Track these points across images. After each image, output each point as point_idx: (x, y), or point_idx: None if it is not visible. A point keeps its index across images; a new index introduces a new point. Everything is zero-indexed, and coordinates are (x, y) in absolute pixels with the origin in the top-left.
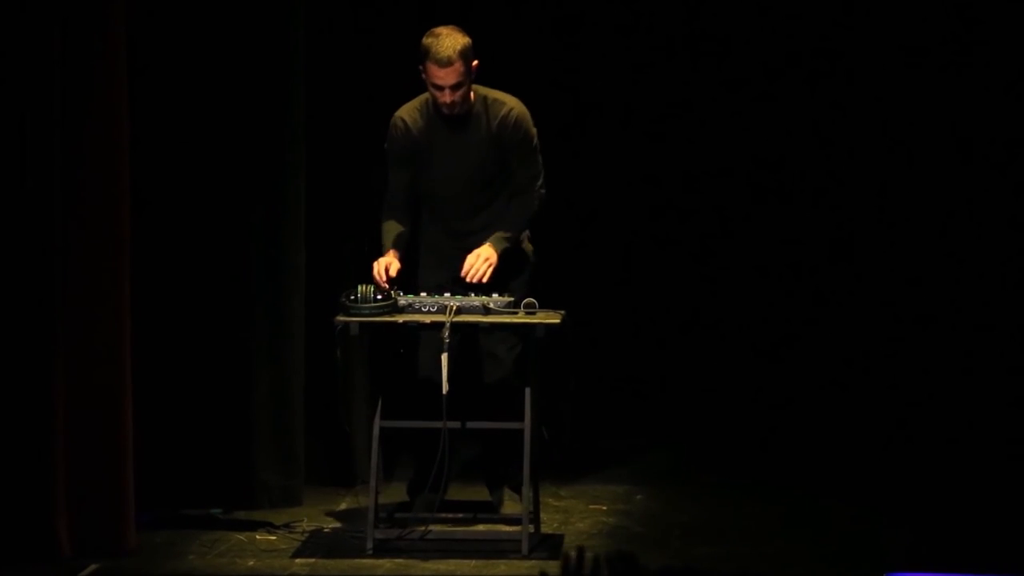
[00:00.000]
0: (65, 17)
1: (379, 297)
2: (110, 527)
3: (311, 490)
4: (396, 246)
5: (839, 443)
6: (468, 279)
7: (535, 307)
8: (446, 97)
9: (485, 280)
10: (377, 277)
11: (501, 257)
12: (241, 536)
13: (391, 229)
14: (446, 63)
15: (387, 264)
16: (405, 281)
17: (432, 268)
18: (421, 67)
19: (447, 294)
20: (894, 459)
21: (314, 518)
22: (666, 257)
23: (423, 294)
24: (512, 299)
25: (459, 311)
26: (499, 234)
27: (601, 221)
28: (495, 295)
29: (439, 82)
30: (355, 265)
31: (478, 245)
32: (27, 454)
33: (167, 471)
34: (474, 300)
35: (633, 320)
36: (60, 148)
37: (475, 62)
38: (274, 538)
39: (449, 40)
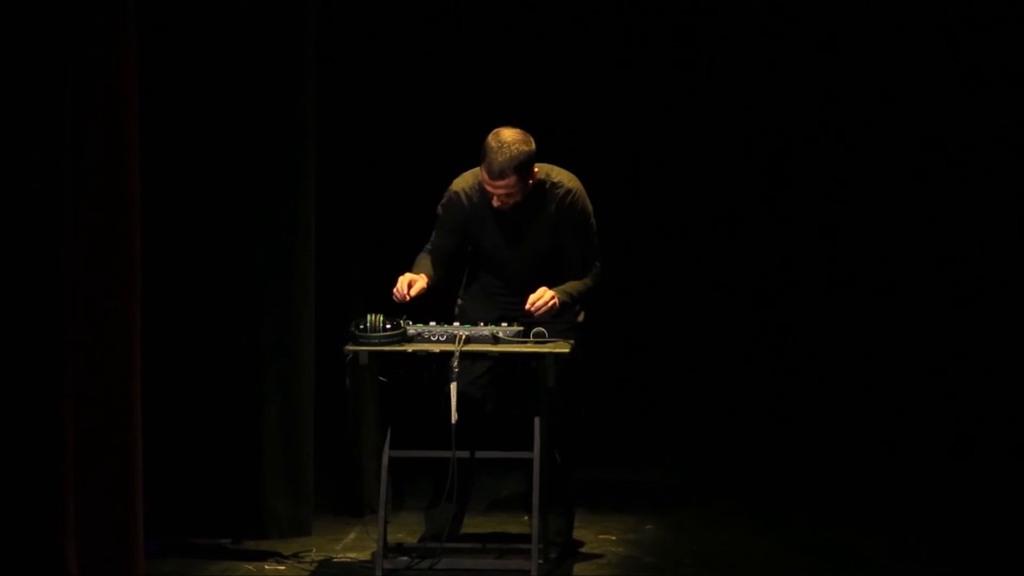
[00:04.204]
0: (76, 22)
1: (388, 326)
2: (119, 555)
3: (320, 519)
4: (420, 272)
5: (850, 471)
6: (535, 309)
7: (544, 336)
8: (495, 201)
9: (552, 310)
10: (398, 290)
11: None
12: (249, 566)
13: (425, 263)
14: (497, 176)
15: (411, 280)
16: (424, 309)
17: (480, 302)
18: (481, 158)
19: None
20: (908, 487)
21: (323, 548)
22: (676, 285)
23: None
24: (521, 328)
25: (468, 340)
26: (563, 288)
27: (613, 251)
28: (504, 324)
29: (489, 188)
30: (365, 293)
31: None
32: (36, 481)
33: (177, 499)
34: (483, 330)
35: (644, 349)
36: (71, 186)
37: (536, 169)
38: (283, 568)
39: (507, 153)
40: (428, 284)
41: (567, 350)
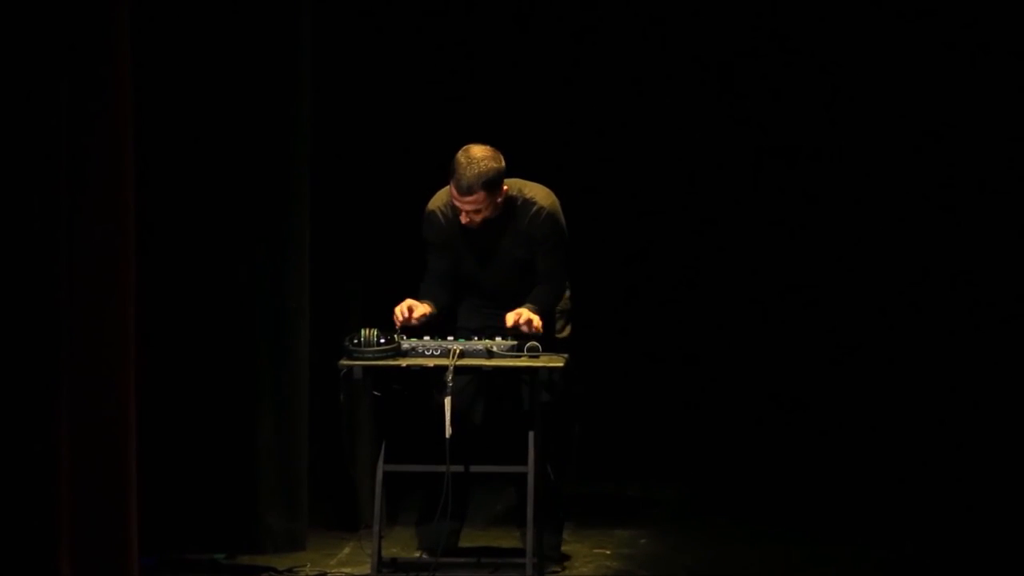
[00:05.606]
0: (70, 34)
1: (382, 341)
2: (114, 570)
3: (315, 534)
4: (425, 301)
5: (847, 484)
6: (519, 325)
7: (538, 351)
8: (463, 217)
9: (535, 326)
10: (399, 313)
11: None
12: None
13: (431, 290)
14: (466, 192)
15: (410, 305)
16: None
17: (467, 312)
18: (450, 174)
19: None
20: (905, 500)
21: (317, 563)
22: (670, 297)
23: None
24: (515, 343)
25: (462, 355)
26: (530, 305)
27: (606, 261)
28: (498, 339)
29: (457, 204)
30: (360, 307)
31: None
32: (31, 498)
33: (172, 514)
34: (477, 344)
35: (637, 361)
36: (67, 195)
37: (504, 187)
38: None
39: (475, 169)
40: (433, 311)
41: (561, 364)
